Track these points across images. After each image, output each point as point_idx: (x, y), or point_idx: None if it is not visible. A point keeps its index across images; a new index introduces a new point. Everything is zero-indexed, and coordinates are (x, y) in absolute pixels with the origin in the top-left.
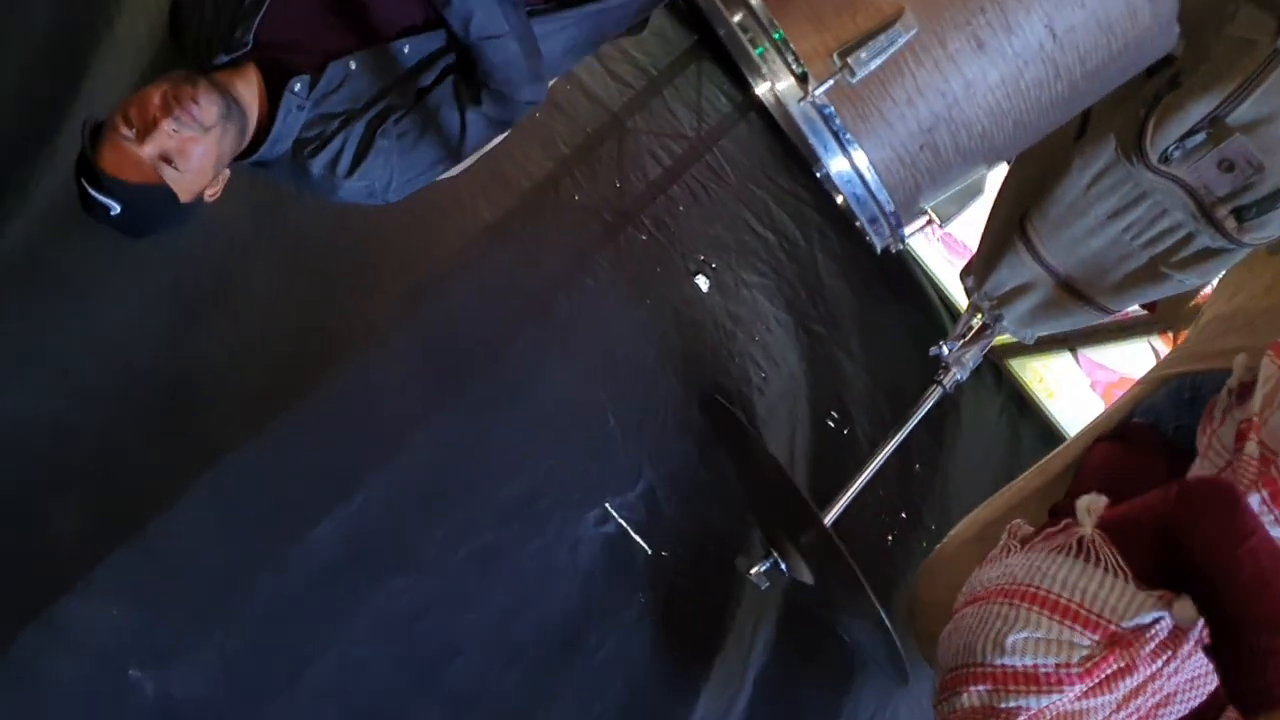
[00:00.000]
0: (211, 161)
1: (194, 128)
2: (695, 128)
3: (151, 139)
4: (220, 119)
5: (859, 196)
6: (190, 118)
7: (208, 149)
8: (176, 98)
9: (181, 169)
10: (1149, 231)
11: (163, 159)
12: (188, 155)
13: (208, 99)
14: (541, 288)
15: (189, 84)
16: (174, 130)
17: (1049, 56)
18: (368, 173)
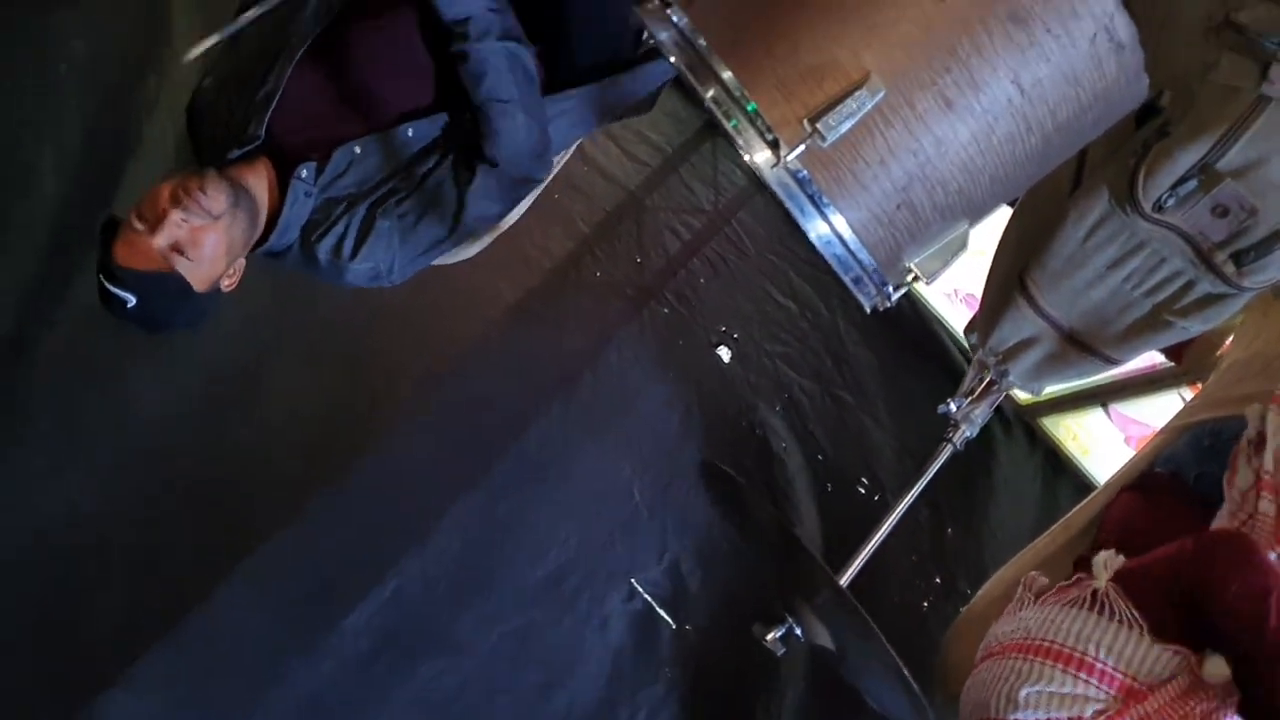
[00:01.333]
0: (223, 250)
1: (203, 216)
2: (712, 202)
3: (162, 230)
4: (229, 207)
5: (840, 257)
6: (198, 206)
7: (218, 237)
8: (185, 189)
9: (193, 258)
10: (1149, 280)
11: (174, 249)
12: (199, 244)
13: (215, 188)
14: (565, 365)
15: (196, 176)
16: (183, 220)
17: (1018, 111)
18: (371, 254)
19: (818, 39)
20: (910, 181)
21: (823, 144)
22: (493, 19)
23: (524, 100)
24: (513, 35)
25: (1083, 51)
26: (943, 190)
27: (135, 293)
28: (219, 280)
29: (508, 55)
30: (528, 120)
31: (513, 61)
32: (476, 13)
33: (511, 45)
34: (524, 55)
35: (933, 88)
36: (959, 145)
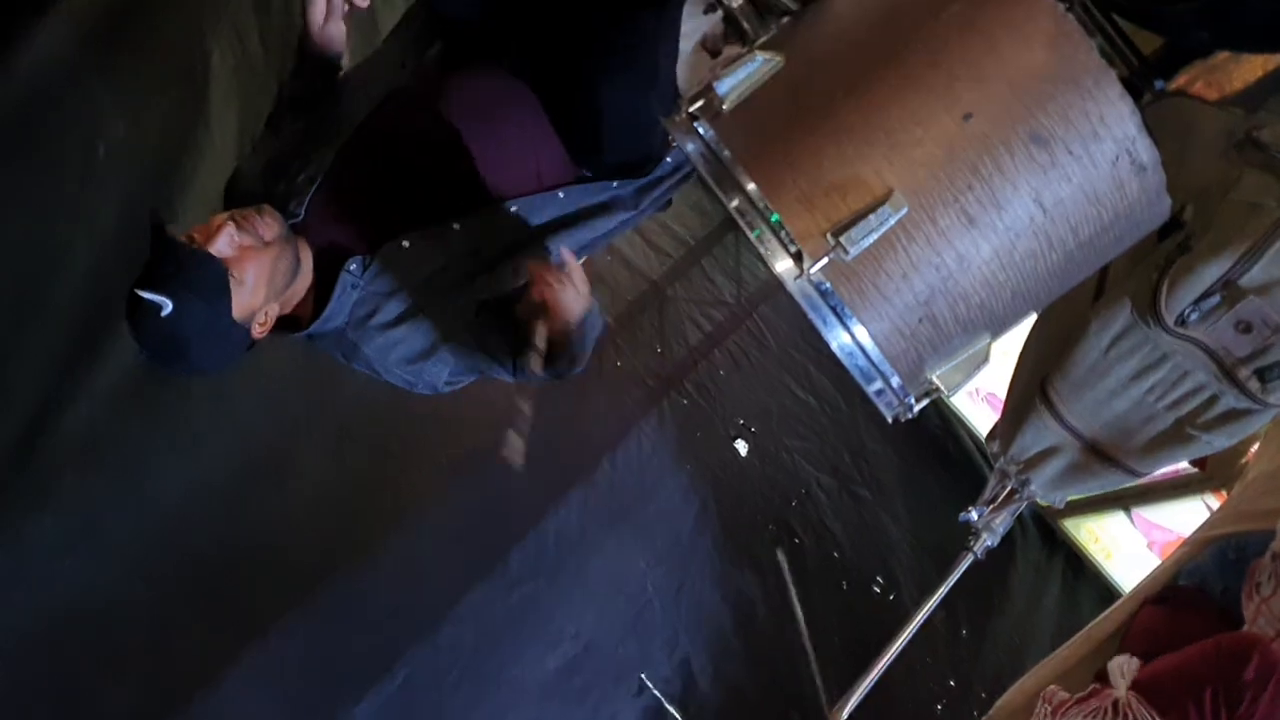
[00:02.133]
0: (265, 280)
1: (254, 237)
2: (735, 295)
3: (213, 242)
4: (279, 238)
5: (863, 368)
6: (252, 226)
7: (263, 265)
8: (243, 214)
9: (237, 277)
10: (1172, 393)
11: (230, 262)
12: (244, 265)
13: (271, 216)
14: (584, 454)
15: (254, 208)
16: (234, 235)
17: (1040, 229)
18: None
19: (842, 155)
20: (933, 295)
21: (845, 257)
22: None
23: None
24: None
25: (1104, 173)
26: (965, 304)
27: (173, 293)
28: (253, 317)
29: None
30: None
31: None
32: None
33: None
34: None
35: (955, 204)
36: (981, 261)
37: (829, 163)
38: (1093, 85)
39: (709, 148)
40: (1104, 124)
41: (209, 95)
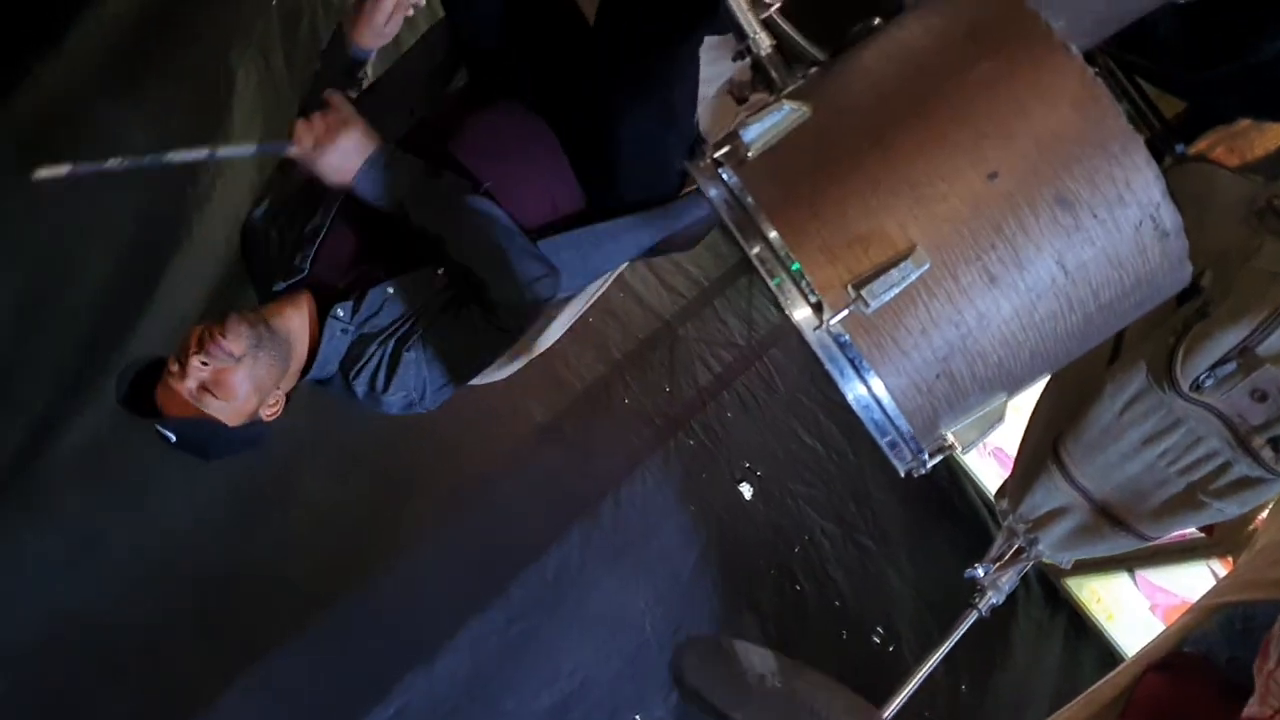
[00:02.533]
0: (250, 388)
1: (224, 359)
2: (746, 337)
3: (189, 374)
4: (250, 349)
5: (878, 422)
6: (219, 350)
7: (243, 376)
8: (208, 333)
9: (221, 397)
10: (1185, 459)
11: (202, 390)
12: (225, 385)
13: (235, 332)
14: (588, 490)
15: (218, 321)
16: (203, 363)
17: (1061, 291)
18: (402, 384)
19: (866, 207)
20: (951, 352)
21: (866, 310)
22: (432, 186)
23: (502, 239)
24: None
25: (1128, 237)
26: (983, 363)
27: (173, 431)
28: (255, 413)
29: (454, 209)
30: (515, 247)
31: (463, 210)
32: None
33: (454, 197)
34: (479, 203)
35: (977, 262)
36: (1001, 320)
37: (853, 214)
38: (1119, 150)
39: (732, 194)
40: (1129, 189)
41: (232, 113)
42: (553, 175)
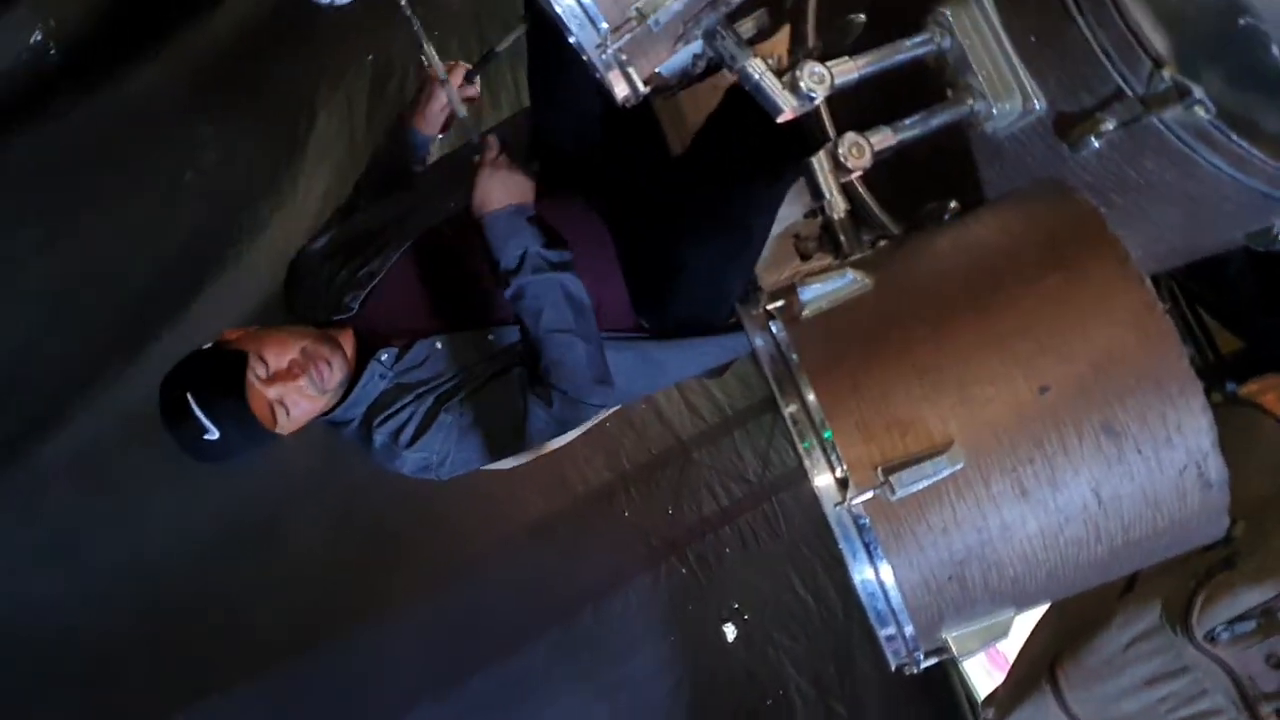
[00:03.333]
0: (311, 418)
1: (317, 389)
2: (759, 474)
3: (281, 386)
4: (338, 386)
5: (880, 611)
6: (320, 379)
7: (314, 409)
8: (314, 355)
9: (290, 418)
10: (1185, 709)
11: (279, 404)
12: (299, 408)
13: (339, 366)
14: (570, 596)
15: (327, 345)
16: (304, 386)
17: (1091, 519)
18: (428, 445)
19: (910, 393)
20: (969, 557)
21: (891, 497)
22: (546, 254)
23: (581, 329)
24: (563, 265)
25: (1170, 479)
26: (998, 574)
27: (222, 428)
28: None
29: (561, 287)
30: (587, 348)
31: (566, 293)
32: (530, 249)
33: (564, 276)
34: (575, 285)
35: (1012, 473)
36: (1024, 535)
37: (896, 397)
38: (1177, 392)
39: (779, 349)
40: (1180, 432)
41: (305, 151)
42: (604, 280)
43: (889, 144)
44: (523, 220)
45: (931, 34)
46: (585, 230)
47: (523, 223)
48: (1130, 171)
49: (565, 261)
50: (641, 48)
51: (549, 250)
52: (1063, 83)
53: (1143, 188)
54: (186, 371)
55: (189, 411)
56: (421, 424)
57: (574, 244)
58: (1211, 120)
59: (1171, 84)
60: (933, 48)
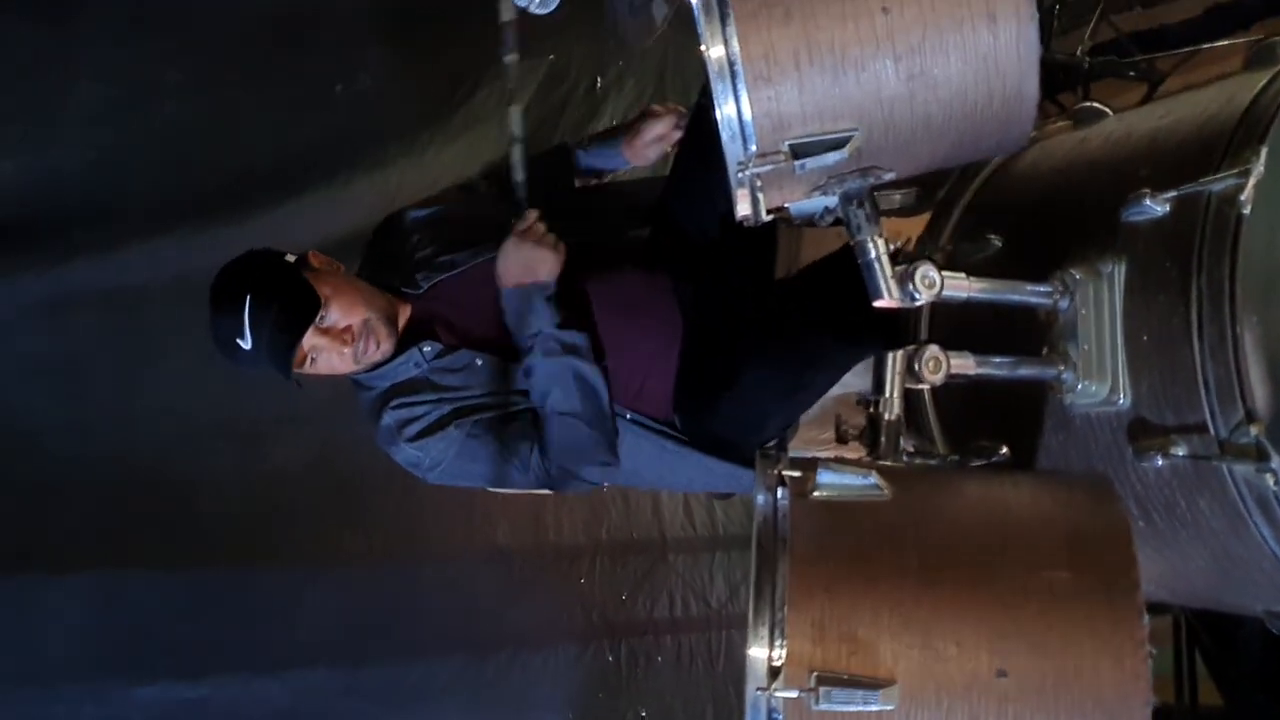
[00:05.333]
0: (331, 374)
1: (354, 359)
2: (721, 603)
3: (327, 340)
4: (373, 365)
5: None
6: (364, 353)
7: (340, 369)
8: (373, 330)
9: (315, 367)
10: None
11: (312, 354)
12: (328, 365)
13: (387, 346)
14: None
15: (387, 324)
16: (347, 353)
17: None
18: (426, 447)
19: (877, 619)
20: None
21: (813, 706)
22: (560, 336)
23: (587, 414)
24: (576, 349)
25: None
26: None
27: (257, 345)
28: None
29: (573, 371)
30: (592, 432)
31: (578, 376)
32: (545, 330)
33: (576, 360)
34: (587, 369)
35: None
36: None
37: (862, 616)
38: None
39: (775, 515)
40: None
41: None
42: (658, 365)
43: (967, 372)
44: (540, 299)
45: (1054, 289)
46: (662, 310)
47: (540, 301)
48: (1181, 501)
49: (579, 345)
50: (779, 181)
51: (563, 332)
52: (1154, 391)
53: (1187, 521)
54: (260, 275)
55: (239, 313)
56: (431, 426)
57: (645, 320)
58: (1278, 492)
59: (1255, 442)
60: (1049, 303)
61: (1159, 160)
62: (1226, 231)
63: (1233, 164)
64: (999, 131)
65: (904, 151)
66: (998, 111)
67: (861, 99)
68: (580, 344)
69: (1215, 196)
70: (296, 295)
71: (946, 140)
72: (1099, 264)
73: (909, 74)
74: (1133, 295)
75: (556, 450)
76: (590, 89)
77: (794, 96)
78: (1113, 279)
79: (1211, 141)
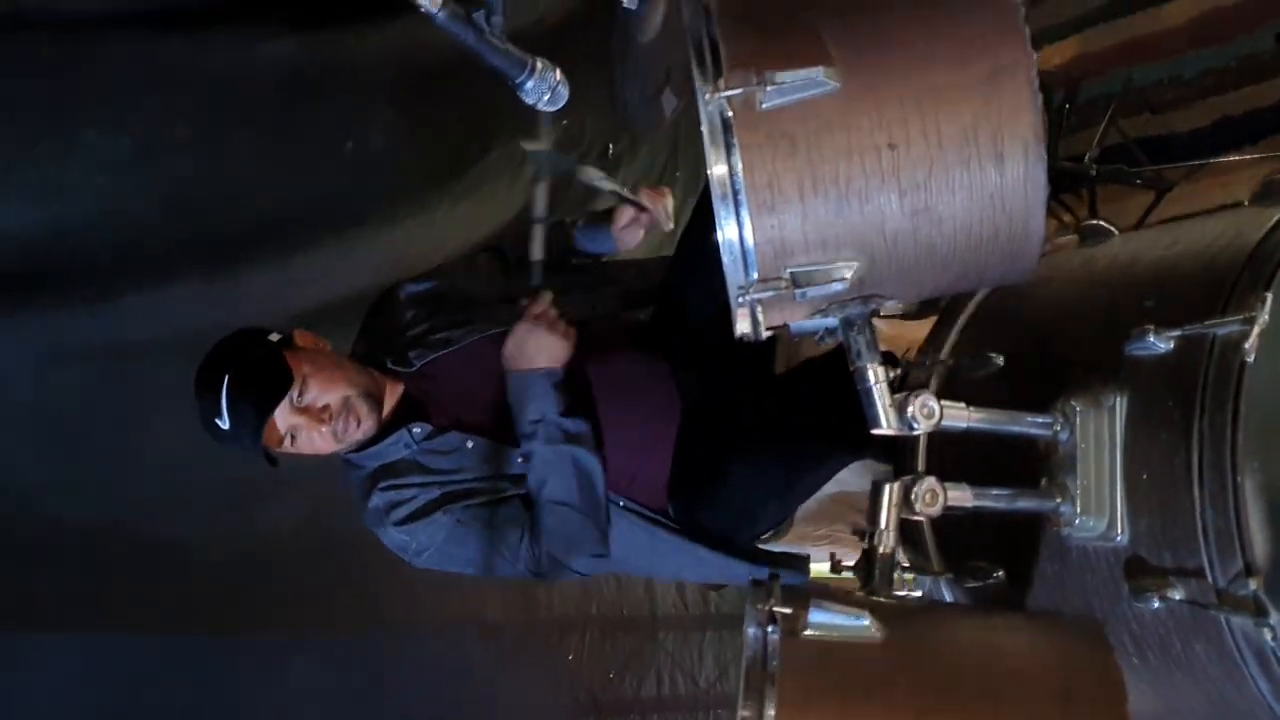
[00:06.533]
0: (313, 454)
1: (334, 438)
2: (710, 683)
3: (304, 418)
4: (355, 444)
5: None
6: (343, 431)
7: (321, 449)
8: (352, 409)
9: (295, 446)
10: None
11: (291, 433)
12: (310, 445)
13: (369, 425)
14: (473, 703)
15: (368, 402)
16: (325, 431)
17: None
18: (414, 532)
19: None
20: None
21: None
22: (563, 424)
23: (583, 504)
24: (581, 440)
25: None
26: None
27: (234, 425)
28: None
29: (572, 459)
30: (585, 523)
31: (577, 465)
32: (548, 417)
33: (577, 450)
34: (587, 458)
35: None
36: None
37: None
38: None
39: (765, 651)
40: None
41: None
42: (653, 451)
43: (964, 504)
44: (547, 385)
45: (1054, 420)
46: (660, 396)
47: (547, 387)
48: (1177, 643)
49: (581, 433)
50: (780, 305)
51: (567, 419)
52: (1153, 532)
53: (1182, 664)
54: (240, 355)
55: (219, 393)
56: (419, 510)
57: (643, 406)
58: (1275, 648)
59: (1253, 596)
60: (1049, 434)
61: (1164, 293)
62: (1230, 377)
63: (1238, 308)
64: (1004, 265)
65: (907, 281)
66: (1003, 247)
67: (865, 231)
68: (583, 432)
69: (1219, 340)
70: (270, 373)
71: (950, 272)
72: (1101, 396)
73: (913, 209)
74: (1134, 430)
75: (548, 539)
76: (603, 154)
77: (797, 225)
78: (1114, 412)
79: (1218, 280)
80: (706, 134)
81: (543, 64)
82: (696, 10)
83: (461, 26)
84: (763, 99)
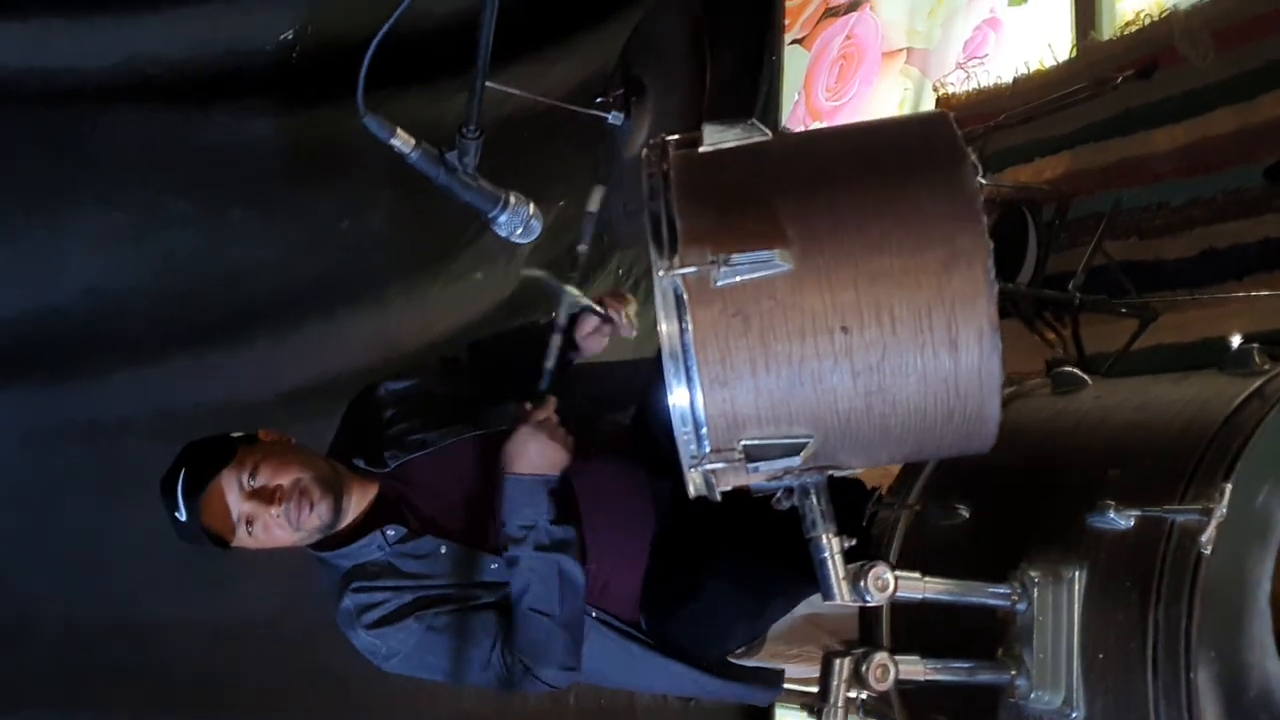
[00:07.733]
0: (277, 546)
1: (290, 524)
2: None
3: (255, 504)
4: (316, 531)
5: None
6: (295, 516)
7: (283, 540)
8: (304, 492)
9: (253, 537)
10: None
11: (247, 521)
12: (268, 535)
13: (323, 510)
14: None
15: (323, 488)
16: (277, 515)
17: None
18: (384, 636)
19: None
20: None
21: None
22: (552, 531)
23: (563, 616)
24: (568, 548)
25: None
26: None
27: (189, 515)
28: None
29: (558, 568)
30: (563, 636)
31: (561, 574)
32: (540, 523)
33: (562, 558)
34: (571, 567)
35: None
36: None
37: None
38: None
39: None
40: None
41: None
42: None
43: (915, 678)
44: (543, 492)
45: (1013, 590)
46: (636, 506)
47: (542, 494)
48: None
49: (570, 541)
50: (733, 473)
51: (556, 526)
52: (1109, 713)
53: None
54: (198, 451)
55: (175, 487)
56: (390, 615)
57: (619, 514)
58: None
59: None
60: (1007, 604)
61: (1128, 465)
62: (1186, 568)
63: (1197, 496)
64: (960, 444)
65: (862, 454)
66: (957, 428)
67: (818, 409)
68: (571, 540)
69: (1178, 527)
70: (217, 453)
71: (905, 447)
72: (1061, 567)
73: (866, 390)
74: (1092, 607)
75: (525, 652)
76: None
77: (750, 400)
78: (1072, 586)
79: (1182, 458)
80: (660, 307)
81: (515, 198)
82: (655, 178)
83: (433, 166)
84: (717, 277)
